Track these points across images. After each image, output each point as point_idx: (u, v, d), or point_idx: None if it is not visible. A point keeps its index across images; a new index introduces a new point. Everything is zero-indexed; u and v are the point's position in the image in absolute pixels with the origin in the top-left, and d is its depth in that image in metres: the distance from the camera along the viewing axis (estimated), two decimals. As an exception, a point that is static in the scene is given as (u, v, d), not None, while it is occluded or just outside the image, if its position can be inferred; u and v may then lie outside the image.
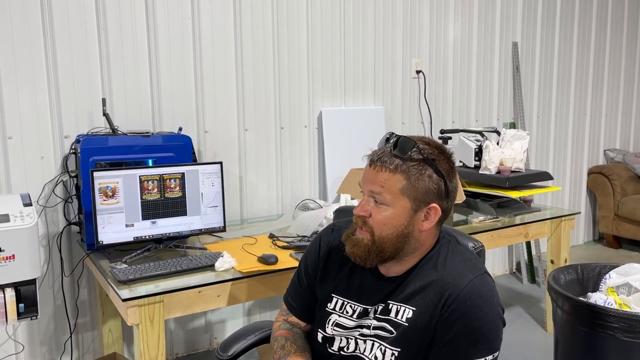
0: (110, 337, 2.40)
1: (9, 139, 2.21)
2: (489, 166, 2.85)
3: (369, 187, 1.17)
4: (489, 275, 1.21)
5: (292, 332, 1.37)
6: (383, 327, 1.20)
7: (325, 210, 2.38)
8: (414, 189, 1.14)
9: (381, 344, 1.20)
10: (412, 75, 3.33)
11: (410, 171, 1.13)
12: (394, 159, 1.14)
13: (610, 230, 4.38)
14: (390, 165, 1.14)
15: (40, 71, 2.24)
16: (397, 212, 1.15)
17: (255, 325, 1.55)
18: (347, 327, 1.26)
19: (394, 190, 1.14)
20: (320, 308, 1.32)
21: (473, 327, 1.12)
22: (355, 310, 1.26)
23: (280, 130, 2.88)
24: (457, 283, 1.16)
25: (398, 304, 1.20)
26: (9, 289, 1.81)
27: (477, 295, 1.14)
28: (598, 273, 2.36)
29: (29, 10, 2.19)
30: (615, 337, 1.95)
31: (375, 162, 1.16)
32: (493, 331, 1.14)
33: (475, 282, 1.16)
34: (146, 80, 2.48)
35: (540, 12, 3.94)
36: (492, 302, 1.16)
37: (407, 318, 1.18)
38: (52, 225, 2.32)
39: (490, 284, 1.19)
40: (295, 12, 2.85)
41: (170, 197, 2.12)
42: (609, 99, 4.58)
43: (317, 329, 1.32)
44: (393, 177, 1.14)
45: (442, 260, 1.21)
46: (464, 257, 1.23)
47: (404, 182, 1.14)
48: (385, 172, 1.14)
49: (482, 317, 1.13)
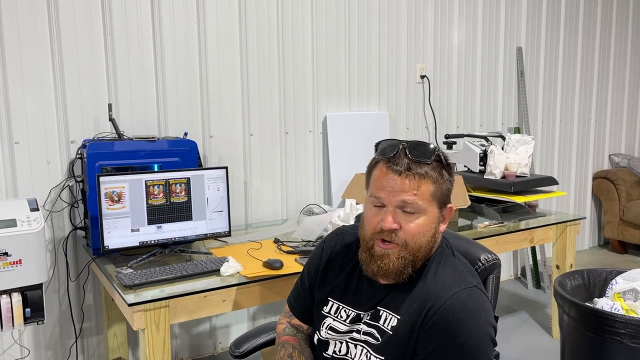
0: (115, 341, 2.40)
1: (16, 144, 2.22)
2: (494, 171, 2.85)
3: (398, 197, 1.12)
4: (480, 290, 1.17)
5: (298, 339, 1.37)
6: (371, 334, 1.20)
7: (330, 215, 2.38)
8: (440, 192, 1.15)
9: (368, 350, 1.20)
10: (416, 81, 3.34)
11: (435, 175, 1.14)
12: (421, 165, 1.12)
13: (616, 236, 4.36)
14: (420, 171, 1.12)
15: (47, 77, 2.26)
16: (429, 218, 1.14)
17: (268, 326, 1.59)
18: (339, 332, 1.26)
19: (426, 197, 1.13)
20: (316, 310, 1.32)
21: (456, 342, 1.08)
22: (349, 315, 1.25)
23: (285, 135, 2.89)
24: (441, 294, 1.13)
25: (387, 312, 1.20)
26: (16, 294, 1.81)
27: (461, 308, 1.10)
28: (604, 278, 2.35)
29: (36, 16, 2.21)
30: (622, 343, 1.94)
31: (401, 170, 1.12)
32: (479, 348, 1.09)
33: (461, 295, 1.12)
34: (152, 85, 2.49)
35: (544, 17, 3.94)
36: (479, 317, 1.11)
37: (392, 326, 1.17)
38: (58, 230, 2.33)
39: (479, 298, 1.14)
40: (300, 18, 2.86)
41: (176, 201, 2.12)
42: (614, 104, 4.57)
43: (314, 331, 1.32)
44: (423, 183, 1.12)
45: (433, 270, 1.19)
46: (455, 268, 1.20)
47: (433, 187, 1.14)
48: (415, 179, 1.12)
49: (466, 332, 1.08)
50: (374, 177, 1.17)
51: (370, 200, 1.17)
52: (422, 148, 1.14)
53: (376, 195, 1.15)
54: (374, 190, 1.16)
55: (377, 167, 1.17)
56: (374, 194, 1.16)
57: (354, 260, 1.30)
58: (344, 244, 1.35)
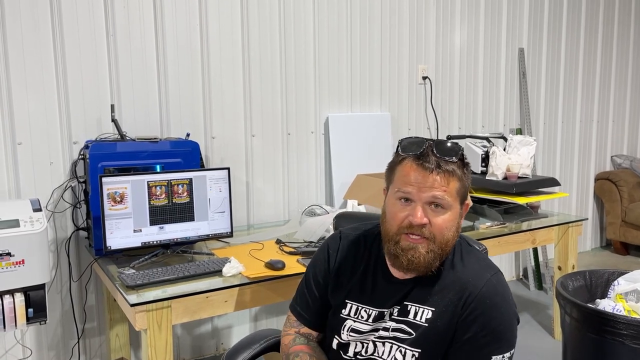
0: (117, 342, 2.41)
1: (19, 144, 2.23)
2: (496, 172, 2.85)
3: (429, 193, 1.14)
4: (502, 274, 1.25)
5: (312, 347, 1.35)
6: (401, 329, 1.21)
7: (331, 215, 2.38)
8: (463, 189, 1.19)
9: (400, 345, 1.21)
10: (418, 82, 3.34)
11: (460, 173, 1.17)
12: (448, 162, 1.16)
13: (618, 237, 4.35)
14: (448, 168, 1.15)
15: (50, 78, 2.26)
16: (453, 213, 1.18)
17: (260, 334, 1.53)
18: (362, 332, 1.26)
19: (452, 193, 1.16)
20: (334, 315, 1.32)
21: (491, 325, 1.15)
22: (370, 314, 1.26)
23: (287, 136, 2.89)
24: (476, 282, 1.19)
25: (417, 305, 1.21)
26: (19, 294, 1.82)
27: (495, 293, 1.18)
28: (606, 280, 2.35)
29: (39, 18, 2.22)
30: (624, 344, 1.94)
31: (432, 167, 1.14)
32: (510, 329, 1.17)
33: (493, 281, 1.19)
34: (154, 86, 2.49)
35: (546, 18, 3.94)
36: (508, 300, 1.19)
37: (426, 319, 1.20)
38: (60, 230, 2.34)
39: (504, 282, 1.22)
40: (302, 18, 2.87)
41: (178, 202, 2.13)
42: (616, 105, 4.57)
43: (333, 335, 1.31)
44: (451, 180, 1.16)
45: (458, 260, 1.24)
46: (477, 257, 1.27)
47: (458, 184, 1.17)
48: (445, 176, 1.15)
49: (499, 315, 1.16)
50: (400, 173, 1.18)
51: (396, 195, 1.18)
52: (446, 146, 1.17)
53: (404, 190, 1.16)
54: (402, 186, 1.17)
55: (403, 164, 1.18)
56: (401, 189, 1.17)
57: (364, 259, 1.31)
58: (350, 245, 1.34)
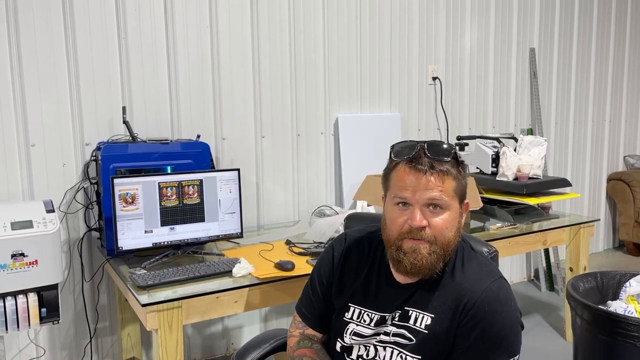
0: (129, 341, 2.43)
1: (32, 146, 2.26)
2: (507, 173, 2.83)
3: (425, 195, 1.14)
4: (505, 280, 1.22)
5: (315, 350, 1.35)
6: (402, 334, 1.20)
7: (341, 216, 2.39)
8: (460, 188, 1.18)
9: (401, 351, 1.20)
10: (428, 82, 3.33)
11: (455, 172, 1.17)
12: (442, 162, 1.15)
13: (631, 238, 4.31)
14: (442, 168, 1.15)
15: (63, 80, 2.29)
16: (452, 213, 1.17)
17: (270, 334, 1.54)
18: (364, 336, 1.26)
19: (449, 192, 1.16)
20: (337, 318, 1.32)
21: (492, 331, 1.13)
22: (372, 318, 1.26)
23: (297, 137, 2.90)
24: (475, 289, 1.17)
25: (417, 311, 1.20)
26: (32, 294, 1.84)
27: (494, 300, 1.15)
28: (618, 281, 2.33)
29: (52, 20, 2.24)
30: (636, 346, 1.92)
31: (425, 169, 1.14)
32: (512, 335, 1.15)
33: (492, 287, 1.17)
34: (165, 88, 2.51)
35: (557, 18, 3.92)
36: (510, 305, 1.17)
37: (426, 325, 1.18)
38: (73, 231, 2.36)
39: (506, 288, 1.20)
40: (312, 19, 2.87)
41: (189, 203, 2.14)
42: (629, 105, 4.53)
43: (336, 338, 1.31)
44: (446, 179, 1.15)
45: (459, 266, 1.22)
46: (479, 262, 1.24)
47: (454, 183, 1.17)
48: (439, 176, 1.14)
49: (500, 321, 1.14)
50: (395, 179, 1.18)
51: (393, 201, 1.18)
52: (438, 146, 1.17)
53: (401, 195, 1.16)
54: (398, 191, 1.16)
55: (397, 169, 1.18)
56: (398, 194, 1.16)
57: (368, 262, 1.31)
58: (355, 248, 1.34)
